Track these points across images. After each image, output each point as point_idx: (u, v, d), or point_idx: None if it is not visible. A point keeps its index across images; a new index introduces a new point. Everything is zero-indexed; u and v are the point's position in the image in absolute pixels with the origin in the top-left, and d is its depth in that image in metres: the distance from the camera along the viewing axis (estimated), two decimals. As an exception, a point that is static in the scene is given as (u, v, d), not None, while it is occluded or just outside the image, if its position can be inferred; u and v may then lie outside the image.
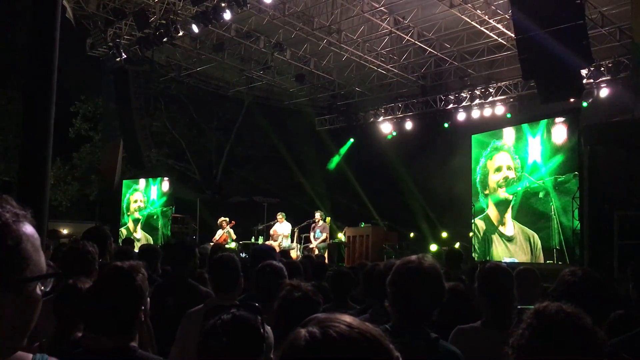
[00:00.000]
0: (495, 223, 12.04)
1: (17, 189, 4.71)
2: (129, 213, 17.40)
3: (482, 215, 12.43)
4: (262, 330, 1.77)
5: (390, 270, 2.43)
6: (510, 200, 11.67)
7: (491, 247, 12.14)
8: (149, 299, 2.40)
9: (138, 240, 15.91)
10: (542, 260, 10.66)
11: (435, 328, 2.40)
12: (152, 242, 15.20)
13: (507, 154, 11.87)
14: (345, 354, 0.97)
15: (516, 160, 11.61)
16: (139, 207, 17.18)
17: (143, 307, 2.28)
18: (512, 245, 11.56)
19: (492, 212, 12.17)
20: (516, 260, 10.79)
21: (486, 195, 12.39)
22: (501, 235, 11.82)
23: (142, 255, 5.34)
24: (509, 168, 11.76)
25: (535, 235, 10.95)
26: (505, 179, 11.79)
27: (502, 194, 11.88)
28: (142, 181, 17.33)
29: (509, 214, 11.70)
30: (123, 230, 17.24)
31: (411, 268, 2.35)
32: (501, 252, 11.84)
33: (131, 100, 16.55)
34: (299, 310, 2.51)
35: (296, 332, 1.02)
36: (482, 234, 12.33)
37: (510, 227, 11.62)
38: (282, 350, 1.03)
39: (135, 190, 17.39)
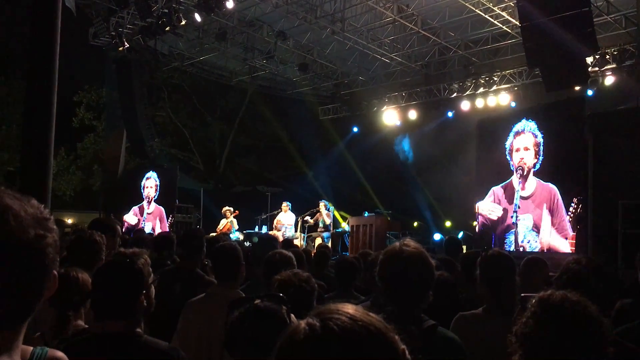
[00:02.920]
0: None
1: (20, 178, 4.71)
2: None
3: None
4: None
5: None
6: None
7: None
8: (153, 287, 2.42)
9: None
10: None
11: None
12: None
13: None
14: (345, 348, 0.91)
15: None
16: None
17: (145, 292, 2.29)
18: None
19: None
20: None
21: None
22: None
23: (157, 243, 5.35)
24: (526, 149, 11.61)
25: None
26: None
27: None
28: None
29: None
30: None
31: (393, 256, 2.34)
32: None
33: (134, 89, 16.52)
34: (297, 305, 2.50)
35: (295, 325, 0.96)
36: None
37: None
38: (280, 344, 0.96)
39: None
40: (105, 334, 2.24)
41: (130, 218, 16.40)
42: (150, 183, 16.50)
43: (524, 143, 11.38)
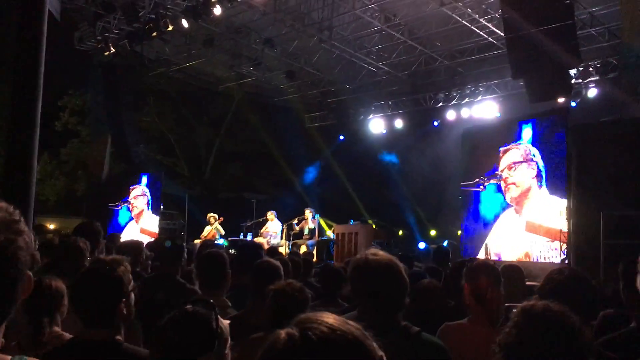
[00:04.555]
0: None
1: (3, 184, 4.66)
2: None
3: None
4: (215, 325, 1.75)
5: None
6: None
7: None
8: (133, 295, 2.40)
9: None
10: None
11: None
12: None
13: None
14: (325, 358, 0.93)
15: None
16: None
17: (125, 300, 2.28)
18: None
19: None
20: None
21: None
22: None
23: (124, 251, 5.30)
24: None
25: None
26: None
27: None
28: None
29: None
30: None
31: (361, 269, 2.33)
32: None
33: (120, 95, 16.43)
34: (291, 314, 2.49)
35: (275, 334, 0.98)
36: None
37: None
38: (261, 352, 0.99)
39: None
40: (85, 341, 2.23)
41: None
42: (138, 197, 16.26)
43: (510, 159, 11.35)
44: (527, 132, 11.27)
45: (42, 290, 2.70)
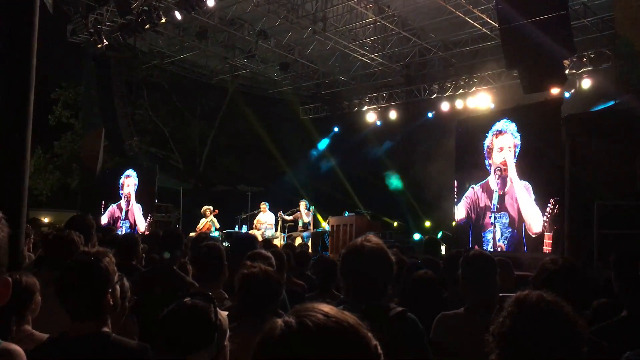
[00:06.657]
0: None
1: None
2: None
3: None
4: (214, 318, 1.76)
5: None
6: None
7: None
8: (127, 285, 2.39)
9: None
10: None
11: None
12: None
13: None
14: (321, 344, 0.96)
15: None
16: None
17: (110, 291, 2.27)
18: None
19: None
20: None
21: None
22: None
23: (123, 244, 5.29)
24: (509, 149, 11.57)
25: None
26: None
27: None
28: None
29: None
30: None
31: (354, 252, 2.43)
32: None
33: (113, 87, 16.38)
34: (259, 290, 2.52)
35: (273, 322, 1.01)
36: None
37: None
38: (258, 340, 1.02)
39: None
40: (73, 334, 2.21)
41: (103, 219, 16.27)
42: (130, 181, 16.33)
43: (506, 143, 11.43)
44: (519, 122, 11.28)
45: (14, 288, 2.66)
